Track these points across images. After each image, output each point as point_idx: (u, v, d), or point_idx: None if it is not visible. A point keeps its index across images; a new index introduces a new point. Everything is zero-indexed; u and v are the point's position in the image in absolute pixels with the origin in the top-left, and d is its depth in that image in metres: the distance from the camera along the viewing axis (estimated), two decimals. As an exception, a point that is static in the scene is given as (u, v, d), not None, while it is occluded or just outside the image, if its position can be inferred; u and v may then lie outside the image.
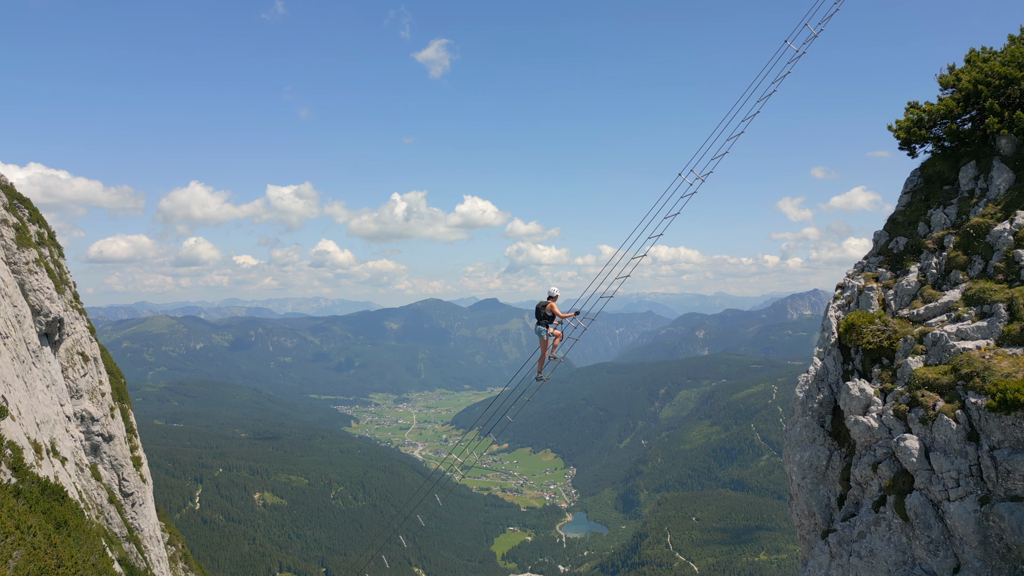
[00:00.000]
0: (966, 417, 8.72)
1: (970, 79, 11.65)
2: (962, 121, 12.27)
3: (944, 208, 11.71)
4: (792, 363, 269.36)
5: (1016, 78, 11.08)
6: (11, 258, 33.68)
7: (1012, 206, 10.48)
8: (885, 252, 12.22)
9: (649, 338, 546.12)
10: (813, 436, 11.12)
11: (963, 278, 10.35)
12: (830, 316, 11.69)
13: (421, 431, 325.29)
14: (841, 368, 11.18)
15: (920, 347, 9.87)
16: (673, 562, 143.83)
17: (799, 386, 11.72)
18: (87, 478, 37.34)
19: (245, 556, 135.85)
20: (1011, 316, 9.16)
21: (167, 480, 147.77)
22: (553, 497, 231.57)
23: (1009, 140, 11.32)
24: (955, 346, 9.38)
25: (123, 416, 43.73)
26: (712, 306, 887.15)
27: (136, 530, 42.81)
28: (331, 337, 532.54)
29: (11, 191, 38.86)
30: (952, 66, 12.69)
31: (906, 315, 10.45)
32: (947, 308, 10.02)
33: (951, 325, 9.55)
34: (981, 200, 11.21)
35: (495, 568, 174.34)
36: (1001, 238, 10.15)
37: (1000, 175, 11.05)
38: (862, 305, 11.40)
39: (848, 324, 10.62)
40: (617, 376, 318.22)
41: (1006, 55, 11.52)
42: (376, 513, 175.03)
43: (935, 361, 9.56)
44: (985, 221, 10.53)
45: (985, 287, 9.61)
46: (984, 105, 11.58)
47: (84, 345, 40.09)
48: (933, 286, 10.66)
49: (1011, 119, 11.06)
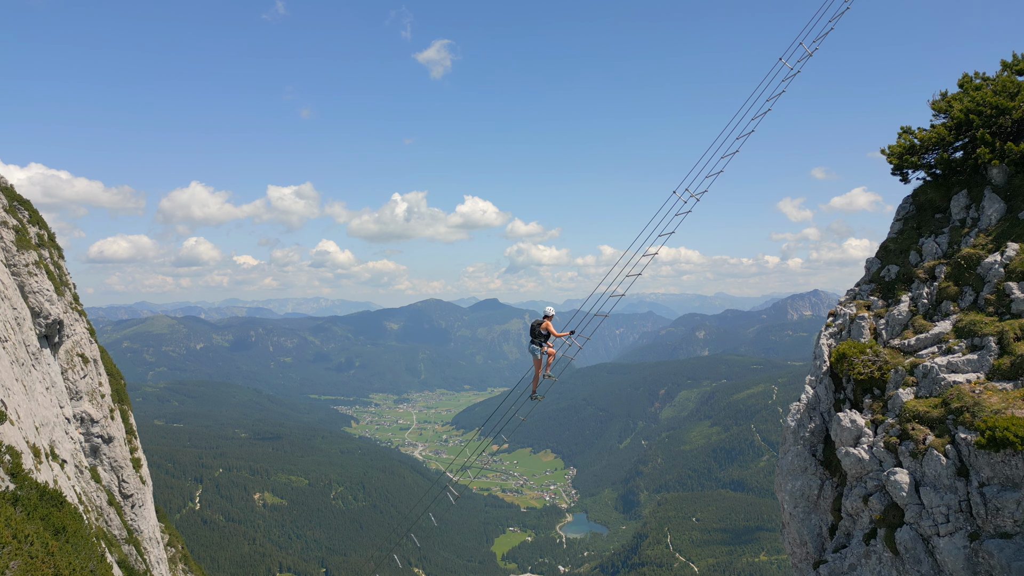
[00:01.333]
0: (956, 452, 8.70)
1: (962, 108, 11.58)
2: (954, 149, 12.18)
3: (935, 237, 11.67)
4: (792, 363, 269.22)
5: (1007, 108, 11.00)
6: (11, 260, 33.63)
7: (1003, 237, 10.42)
8: (877, 280, 12.20)
9: (649, 338, 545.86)
10: (805, 465, 11.07)
11: (954, 309, 10.31)
12: (822, 344, 11.64)
13: (421, 431, 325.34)
14: (833, 397, 11.12)
15: (911, 379, 9.85)
16: (673, 563, 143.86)
17: (790, 415, 11.67)
18: (87, 480, 37.34)
19: (245, 556, 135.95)
20: (1001, 350, 9.11)
21: (167, 480, 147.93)
22: (553, 497, 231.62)
23: (1001, 170, 11.26)
24: (945, 379, 9.34)
25: (123, 418, 43.71)
26: (712, 306, 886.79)
27: (136, 532, 42.82)
28: (331, 337, 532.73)
29: (11, 193, 38.78)
30: (944, 92, 12.60)
31: (897, 345, 10.41)
32: (938, 339, 9.98)
33: (942, 357, 9.52)
34: (972, 230, 11.17)
35: (495, 568, 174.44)
36: (992, 270, 10.10)
37: (991, 205, 11.00)
38: (853, 334, 11.38)
39: (839, 354, 10.58)
40: (617, 376, 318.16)
41: (998, 83, 11.44)
42: (376, 513, 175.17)
43: (926, 393, 9.55)
44: (976, 252, 10.49)
45: (976, 319, 9.58)
46: (976, 135, 11.52)
47: (84, 347, 40.07)
48: (924, 316, 10.62)
49: (1002, 149, 10.98)
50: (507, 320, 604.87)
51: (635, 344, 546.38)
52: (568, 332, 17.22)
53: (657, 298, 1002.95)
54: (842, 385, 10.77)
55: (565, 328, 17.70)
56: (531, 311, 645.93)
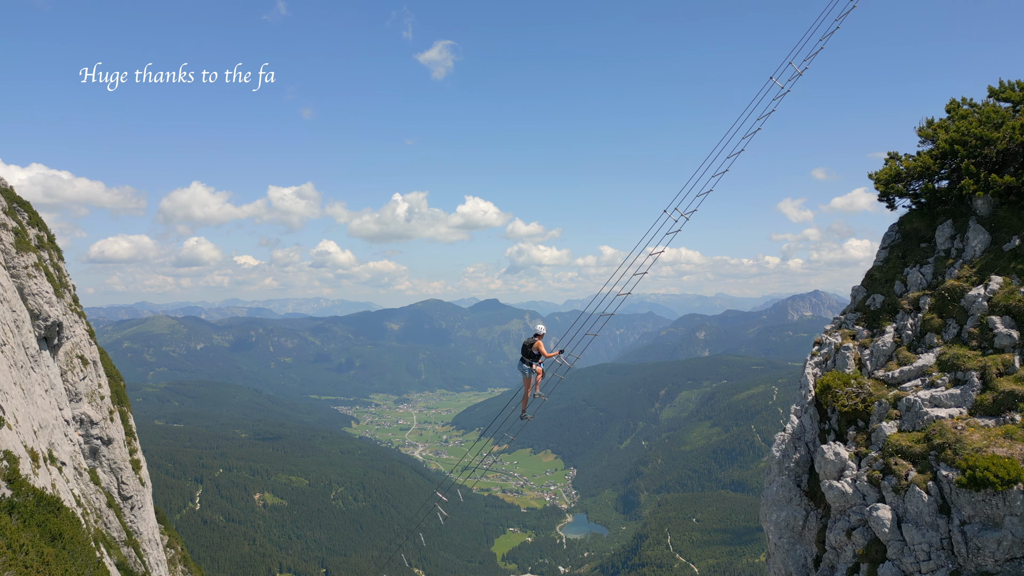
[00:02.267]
0: (938, 489, 8.66)
1: (947, 138, 11.49)
2: (939, 178, 12.11)
3: (920, 267, 11.61)
4: (793, 364, 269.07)
5: (992, 139, 10.90)
6: (10, 262, 33.58)
7: (987, 270, 10.36)
8: (863, 309, 12.12)
9: (649, 339, 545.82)
10: (790, 496, 11.01)
11: (938, 342, 10.25)
12: (807, 373, 11.58)
13: (421, 432, 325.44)
14: (818, 427, 11.07)
15: (894, 412, 9.81)
16: (673, 563, 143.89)
17: (775, 445, 11.62)
18: (86, 482, 37.33)
19: (245, 557, 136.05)
20: (984, 385, 9.08)
21: (167, 480, 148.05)
22: (553, 498, 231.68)
23: (986, 201, 11.20)
24: (928, 413, 9.30)
25: (122, 419, 43.67)
26: (713, 307, 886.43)
27: (135, 533, 42.83)
28: (332, 337, 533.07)
29: (10, 194, 38.70)
30: (931, 120, 12.51)
31: (881, 376, 10.36)
32: (922, 372, 9.93)
33: (925, 391, 9.48)
34: (957, 261, 11.10)
35: (495, 569, 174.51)
36: (975, 303, 10.03)
37: (976, 236, 10.94)
38: (838, 364, 11.31)
39: (824, 385, 10.52)
40: (617, 377, 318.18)
41: (984, 112, 11.32)
42: (376, 514, 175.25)
43: (909, 427, 9.51)
44: (960, 284, 10.42)
45: (959, 353, 9.53)
46: (960, 165, 11.43)
47: (83, 348, 40.07)
48: (908, 348, 10.57)
49: (987, 181, 10.90)
50: (507, 320, 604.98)
51: (635, 344, 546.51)
52: (558, 351, 17.22)
53: (657, 298, 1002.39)
54: (827, 415, 10.72)
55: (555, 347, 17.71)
56: (531, 311, 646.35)
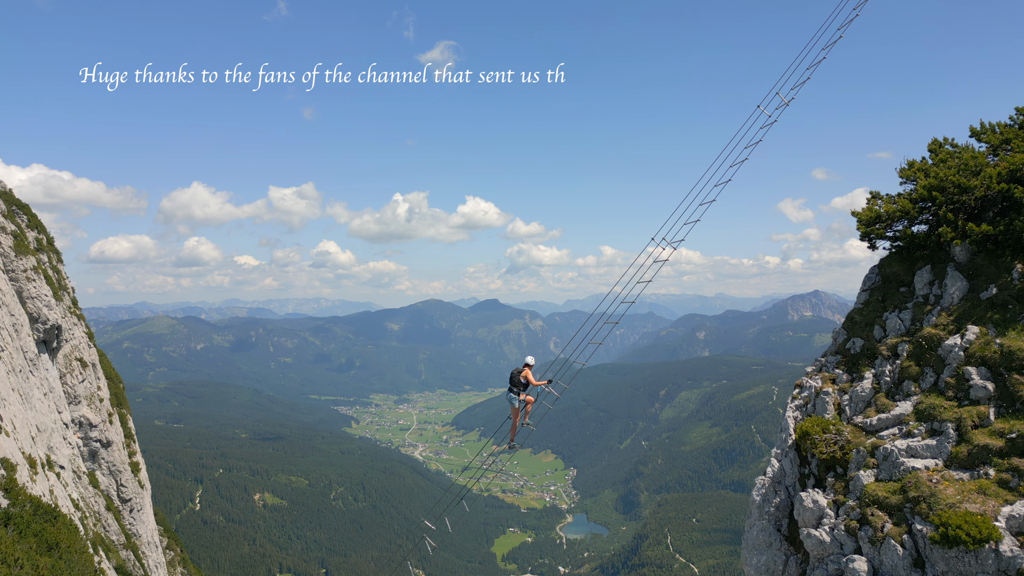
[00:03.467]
0: (912, 543, 8.69)
1: (925, 184, 11.52)
2: (919, 222, 12.14)
3: (899, 312, 11.64)
4: (793, 364, 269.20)
5: (969, 187, 10.92)
6: (9, 266, 33.50)
7: (964, 318, 10.40)
8: (843, 352, 12.17)
9: (650, 339, 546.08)
10: (770, 540, 11.04)
11: (915, 390, 10.31)
12: (787, 416, 11.66)
13: (421, 432, 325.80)
14: (798, 471, 11.12)
15: (872, 460, 9.88)
16: (673, 563, 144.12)
17: (756, 489, 11.69)
18: (84, 485, 37.37)
19: (245, 557, 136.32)
20: (959, 437, 9.15)
21: (167, 481, 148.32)
22: (553, 498, 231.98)
23: (964, 248, 11.25)
24: (904, 464, 9.37)
25: (121, 421, 43.68)
26: (713, 307, 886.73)
27: (134, 536, 42.91)
28: (332, 338, 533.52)
29: (9, 197, 38.61)
30: (912, 161, 12.51)
31: (860, 423, 10.41)
32: (899, 421, 10.00)
33: (902, 441, 9.55)
34: (935, 308, 11.14)
35: (495, 569, 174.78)
36: (952, 353, 10.07)
37: (954, 283, 10.98)
38: (818, 409, 11.37)
39: (802, 432, 10.60)
40: (617, 377, 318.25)
41: (964, 157, 11.33)
42: (376, 514, 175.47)
43: (886, 477, 9.57)
44: (937, 333, 10.46)
45: (935, 403, 9.60)
46: (939, 213, 11.47)
47: (82, 351, 40.07)
48: (887, 395, 10.62)
49: (964, 229, 10.94)
50: (507, 321, 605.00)
51: (635, 345, 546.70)
52: (546, 381, 17.43)
53: (657, 299, 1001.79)
54: (807, 460, 10.81)
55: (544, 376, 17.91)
56: (531, 311, 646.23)
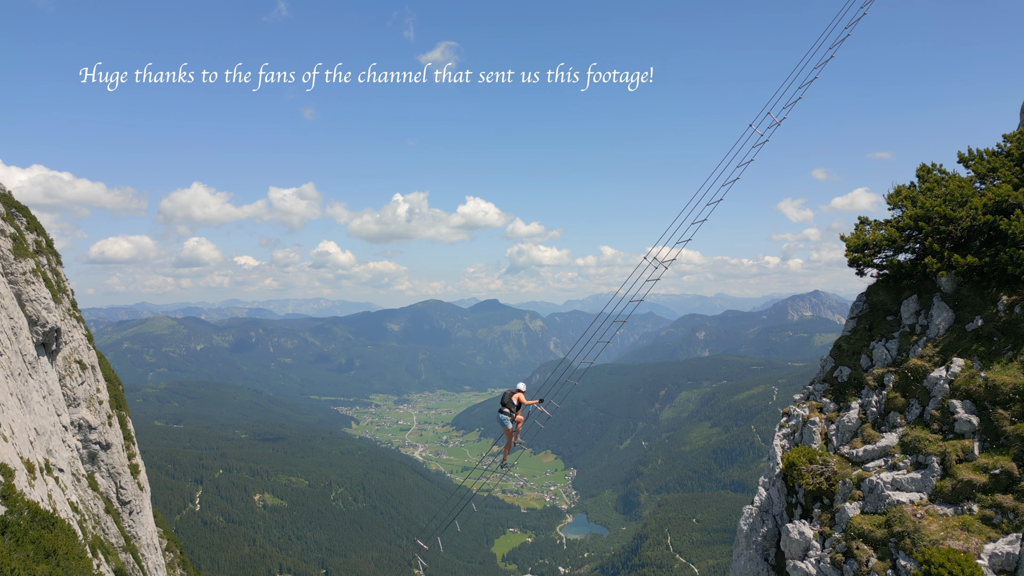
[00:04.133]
0: (897, 578, 8.71)
1: (912, 213, 11.59)
2: (906, 250, 12.21)
3: (886, 342, 11.71)
4: (793, 364, 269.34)
5: (955, 217, 10.99)
6: (8, 269, 33.40)
7: (950, 350, 10.47)
8: (830, 380, 12.27)
9: (649, 339, 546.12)
10: (757, 570, 11.13)
11: (901, 421, 10.40)
12: (775, 445, 11.76)
13: (421, 432, 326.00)
14: (785, 500, 11.22)
15: (858, 492, 9.98)
16: (673, 564, 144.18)
17: (743, 518, 11.80)
18: (84, 488, 37.40)
19: (245, 557, 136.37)
20: (944, 471, 9.24)
21: (167, 481, 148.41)
22: (553, 498, 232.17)
23: (950, 278, 11.34)
24: (890, 497, 9.46)
25: (121, 423, 43.69)
26: (713, 307, 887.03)
27: (133, 538, 42.98)
28: (332, 338, 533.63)
29: (9, 199, 38.55)
30: (900, 188, 12.63)
31: (846, 454, 10.52)
32: (885, 452, 10.11)
33: (887, 473, 9.66)
34: (921, 338, 11.19)
35: (495, 569, 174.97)
36: (938, 385, 10.15)
37: (940, 314, 11.03)
38: (805, 438, 11.49)
39: (789, 462, 10.72)
40: (617, 377, 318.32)
41: (950, 187, 11.37)
42: (376, 515, 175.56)
43: (871, 509, 9.68)
44: (923, 364, 10.54)
45: (921, 436, 9.70)
46: (925, 243, 11.54)
47: (82, 353, 40.09)
48: (873, 425, 10.73)
49: (950, 260, 11.01)
50: (507, 321, 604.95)
51: (635, 345, 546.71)
52: (538, 400, 17.81)
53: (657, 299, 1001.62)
54: (794, 489, 10.93)
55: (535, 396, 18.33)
56: (531, 312, 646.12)
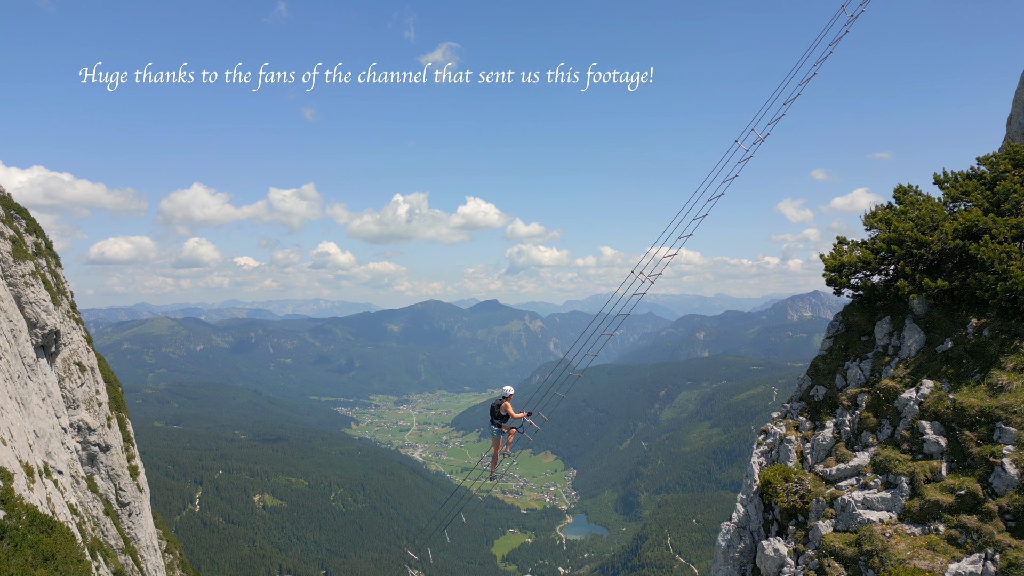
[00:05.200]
0: (866, 597, 8.90)
1: (885, 237, 11.88)
2: (880, 272, 12.47)
3: (860, 362, 11.95)
4: (792, 364, 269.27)
5: (926, 242, 11.25)
6: (7, 271, 33.49)
7: (920, 372, 10.70)
8: (807, 399, 12.53)
9: (649, 340, 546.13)
10: None
11: (873, 441, 10.63)
12: (752, 462, 12.01)
13: (421, 433, 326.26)
14: (762, 517, 11.54)
15: (830, 511, 10.20)
16: (673, 564, 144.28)
17: (721, 534, 12.05)
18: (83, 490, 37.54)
19: (245, 558, 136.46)
20: (912, 491, 9.46)
21: (167, 482, 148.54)
22: (553, 499, 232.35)
23: (921, 301, 11.57)
24: (860, 515, 9.69)
25: (120, 425, 43.82)
26: (712, 307, 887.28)
27: (133, 540, 43.17)
28: (331, 339, 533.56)
29: (8, 201, 38.57)
30: (877, 208, 12.91)
31: (820, 472, 10.82)
32: (857, 471, 10.36)
33: (859, 492, 9.90)
34: (893, 359, 11.42)
35: (495, 570, 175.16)
36: (908, 406, 10.38)
37: (912, 336, 11.25)
38: (781, 456, 11.77)
39: (765, 480, 10.98)
40: (617, 378, 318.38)
41: (923, 211, 11.65)
42: (376, 515, 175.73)
43: (843, 527, 9.90)
44: (894, 385, 10.77)
45: (891, 456, 9.95)
46: (897, 266, 11.79)
47: (81, 355, 40.19)
48: (846, 444, 10.99)
49: (920, 284, 11.24)
50: (507, 321, 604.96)
51: (635, 345, 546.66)
52: (525, 413, 17.93)
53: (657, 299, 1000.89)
54: (771, 506, 11.19)
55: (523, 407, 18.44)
56: (531, 312, 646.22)
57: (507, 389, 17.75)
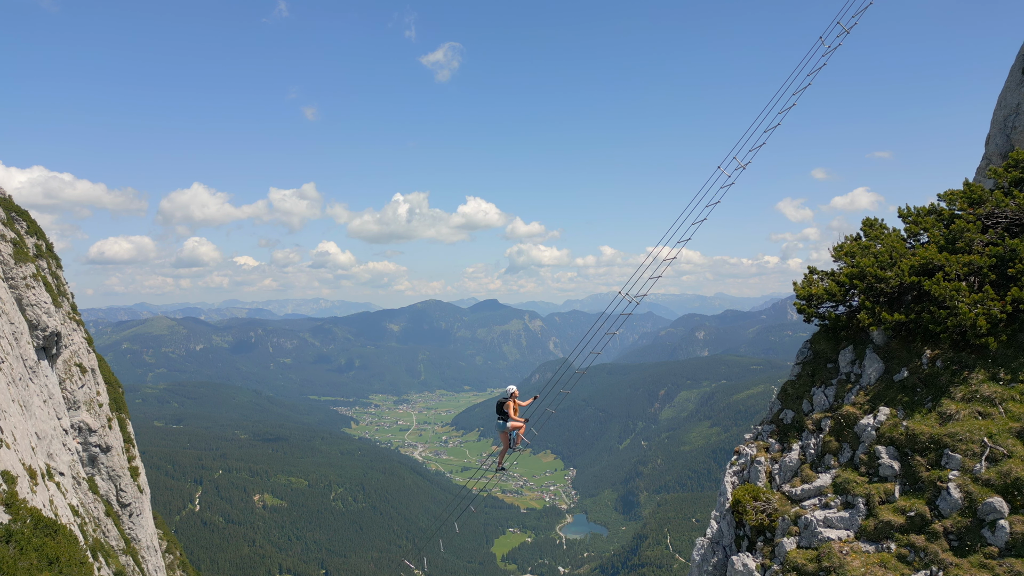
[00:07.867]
0: (824, 612, 9.59)
1: (847, 272, 12.61)
2: (847, 302, 13.15)
3: (825, 388, 12.62)
4: (792, 364, 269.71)
5: (884, 278, 11.90)
6: (8, 273, 33.75)
7: (878, 399, 11.33)
8: (777, 422, 13.21)
9: (649, 339, 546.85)
10: None
11: (834, 464, 11.24)
12: (726, 481, 12.76)
13: (421, 432, 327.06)
14: (734, 533, 12.18)
15: (794, 528, 10.83)
16: (673, 563, 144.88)
17: (696, 549, 12.82)
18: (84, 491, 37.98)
19: (245, 558, 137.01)
20: (868, 511, 10.08)
21: (167, 482, 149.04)
22: (553, 498, 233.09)
23: (880, 332, 12.20)
24: (821, 533, 10.31)
25: (121, 426, 44.23)
26: (712, 307, 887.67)
27: (134, 541, 43.72)
28: (331, 338, 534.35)
29: (8, 203, 38.72)
30: (847, 240, 13.66)
31: (787, 492, 11.45)
32: (819, 492, 11.00)
33: (820, 511, 10.53)
34: (855, 387, 12.04)
35: (495, 569, 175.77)
36: (866, 431, 10.97)
37: (871, 364, 11.89)
38: (752, 476, 12.46)
39: (736, 499, 11.74)
40: (617, 377, 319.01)
41: (886, 246, 12.31)
42: (376, 515, 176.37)
43: (806, 545, 10.53)
44: (854, 411, 11.40)
45: (849, 478, 10.58)
46: (859, 299, 12.49)
47: (82, 356, 40.50)
48: (811, 466, 11.61)
49: (879, 317, 11.91)
50: (507, 321, 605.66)
51: (635, 345, 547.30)
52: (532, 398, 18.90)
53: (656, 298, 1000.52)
54: (742, 523, 11.94)
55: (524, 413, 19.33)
56: (531, 312, 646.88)
57: (511, 388, 18.59)
